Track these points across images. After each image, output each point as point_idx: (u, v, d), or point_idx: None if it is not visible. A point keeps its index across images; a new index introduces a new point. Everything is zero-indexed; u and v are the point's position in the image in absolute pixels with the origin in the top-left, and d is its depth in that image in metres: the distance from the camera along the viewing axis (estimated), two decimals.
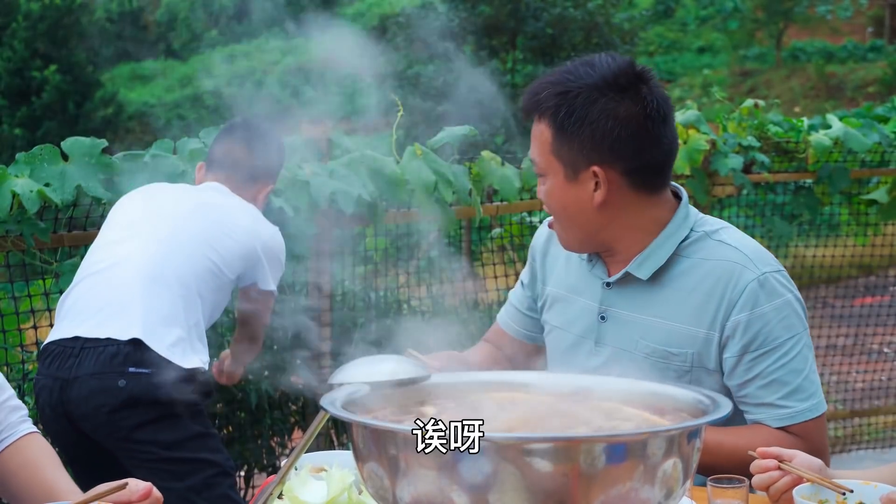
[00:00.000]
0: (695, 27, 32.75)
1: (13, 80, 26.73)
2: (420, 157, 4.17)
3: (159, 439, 3.03)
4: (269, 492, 1.57)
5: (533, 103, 2.13)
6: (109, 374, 2.98)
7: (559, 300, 2.34)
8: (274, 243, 3.42)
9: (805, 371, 2.11)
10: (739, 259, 2.11)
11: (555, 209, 2.18)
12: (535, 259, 2.44)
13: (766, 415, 2.11)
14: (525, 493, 1.35)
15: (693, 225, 2.19)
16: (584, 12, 20.48)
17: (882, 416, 6.68)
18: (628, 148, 2.08)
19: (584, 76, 2.08)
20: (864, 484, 1.79)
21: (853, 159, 5.94)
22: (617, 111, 2.06)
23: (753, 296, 2.08)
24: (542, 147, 2.13)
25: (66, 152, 3.51)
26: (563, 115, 2.07)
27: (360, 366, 1.63)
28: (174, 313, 3.10)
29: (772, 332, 2.09)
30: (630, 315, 2.19)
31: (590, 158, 2.09)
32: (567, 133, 2.08)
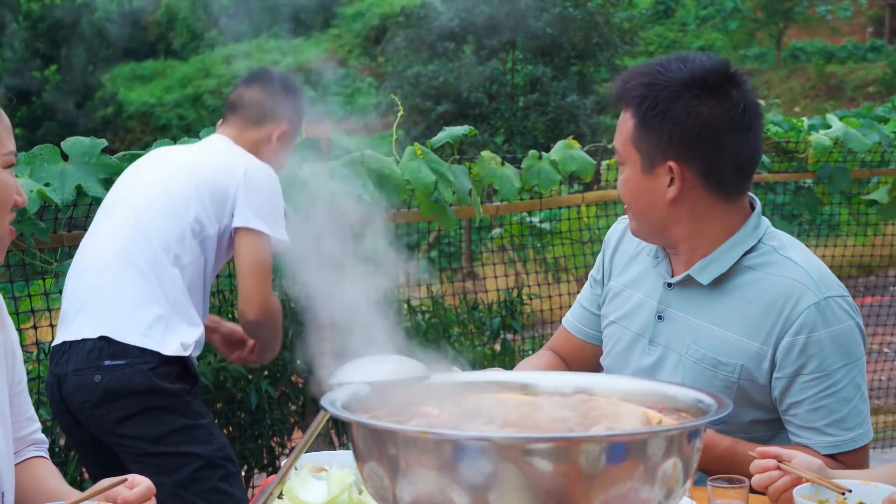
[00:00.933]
0: (695, 27, 32.75)
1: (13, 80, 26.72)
2: (420, 157, 4.17)
3: (144, 434, 2.99)
4: (269, 492, 1.57)
5: (621, 92, 2.15)
6: (87, 370, 2.98)
7: (620, 294, 2.34)
8: (256, 174, 3.13)
9: (854, 400, 2.08)
10: (803, 279, 2.08)
11: (628, 198, 2.19)
12: (607, 253, 2.43)
13: (811, 440, 2.09)
14: (525, 493, 1.35)
15: (762, 237, 2.17)
16: (584, 12, 20.48)
17: (882, 416, 6.68)
18: (707, 148, 2.08)
19: (675, 71, 2.09)
20: (864, 484, 1.79)
21: (853, 159, 5.95)
22: (700, 110, 2.06)
23: (812, 320, 2.06)
24: (625, 136, 2.14)
25: (66, 152, 3.51)
26: (646, 106, 2.08)
27: (360, 366, 1.63)
28: (149, 292, 3.01)
29: (826, 359, 2.06)
30: (686, 318, 2.18)
31: (667, 153, 2.09)
32: (648, 125, 2.09)
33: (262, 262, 3.11)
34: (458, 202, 4.41)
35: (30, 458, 2.07)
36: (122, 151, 3.70)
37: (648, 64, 2.16)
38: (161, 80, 32.86)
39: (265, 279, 3.13)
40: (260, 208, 3.10)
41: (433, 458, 1.36)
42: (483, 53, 20.94)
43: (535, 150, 4.75)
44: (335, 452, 1.94)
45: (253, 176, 3.12)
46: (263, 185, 3.13)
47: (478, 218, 4.71)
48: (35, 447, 2.09)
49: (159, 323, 2.99)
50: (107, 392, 2.96)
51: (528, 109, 20.11)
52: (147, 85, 32.59)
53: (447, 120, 18.22)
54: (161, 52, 35.00)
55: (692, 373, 2.13)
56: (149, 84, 32.66)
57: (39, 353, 3.94)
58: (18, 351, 2.05)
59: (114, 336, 2.98)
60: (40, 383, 3.86)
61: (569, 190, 5.72)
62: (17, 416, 2.04)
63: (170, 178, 3.15)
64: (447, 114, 18.94)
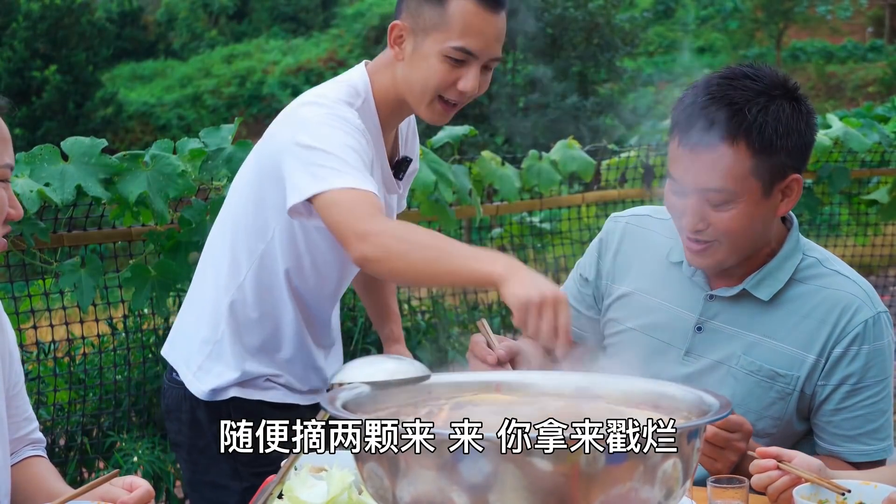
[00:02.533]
0: (695, 27, 32.77)
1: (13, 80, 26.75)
2: (420, 157, 4.16)
3: (183, 468, 2.67)
4: (269, 492, 1.57)
5: (718, 128, 1.99)
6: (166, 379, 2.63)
7: (637, 301, 2.28)
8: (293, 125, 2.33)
9: (888, 412, 2.14)
10: (859, 294, 2.12)
11: (737, 229, 2.06)
12: (605, 255, 2.37)
13: (845, 448, 2.12)
14: (525, 493, 1.35)
15: (804, 249, 2.18)
16: (585, 13, 20.51)
17: None
18: (807, 152, 2.08)
19: (759, 88, 2.02)
20: (864, 484, 1.79)
21: (853, 159, 5.95)
22: (795, 117, 2.03)
23: (865, 332, 2.10)
24: (738, 171, 2.00)
25: (66, 152, 3.51)
26: (770, 130, 1.99)
27: (360, 366, 1.63)
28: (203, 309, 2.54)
29: (870, 370, 2.11)
30: (734, 330, 2.16)
31: (786, 169, 2.04)
32: (772, 146, 2.00)
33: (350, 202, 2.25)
34: (458, 202, 4.41)
35: (27, 458, 2.06)
36: (122, 151, 3.70)
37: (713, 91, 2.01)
38: (161, 80, 32.89)
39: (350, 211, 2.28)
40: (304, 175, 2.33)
41: (433, 458, 1.36)
42: None
43: (535, 150, 4.75)
44: None
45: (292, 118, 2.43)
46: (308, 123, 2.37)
47: (478, 218, 4.70)
48: (32, 446, 2.09)
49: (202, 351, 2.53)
50: (167, 408, 2.61)
51: (528, 110, 20.12)
52: (147, 85, 32.62)
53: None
54: (161, 52, 35.02)
55: (745, 384, 2.13)
56: (149, 84, 32.68)
57: (39, 352, 3.94)
58: (16, 351, 2.05)
59: (164, 352, 2.63)
60: (40, 383, 3.86)
61: (569, 190, 5.72)
62: (16, 417, 2.04)
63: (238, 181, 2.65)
64: None
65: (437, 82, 2.30)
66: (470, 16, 2.26)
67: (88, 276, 3.54)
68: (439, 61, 2.29)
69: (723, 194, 2.02)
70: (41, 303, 3.91)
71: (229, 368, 2.48)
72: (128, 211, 3.62)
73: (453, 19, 2.26)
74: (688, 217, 2.06)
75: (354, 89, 2.38)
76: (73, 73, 27.20)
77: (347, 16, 35.41)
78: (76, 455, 3.91)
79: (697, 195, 2.04)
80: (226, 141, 3.81)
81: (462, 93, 2.31)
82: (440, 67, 2.29)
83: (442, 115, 2.37)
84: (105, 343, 4.01)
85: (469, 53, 2.28)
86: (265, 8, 36.46)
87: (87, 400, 3.97)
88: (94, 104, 27.95)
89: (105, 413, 3.99)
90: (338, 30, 34.81)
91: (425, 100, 2.33)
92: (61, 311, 3.86)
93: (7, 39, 27.32)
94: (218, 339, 2.49)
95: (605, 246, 2.38)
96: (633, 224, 2.36)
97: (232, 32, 35.66)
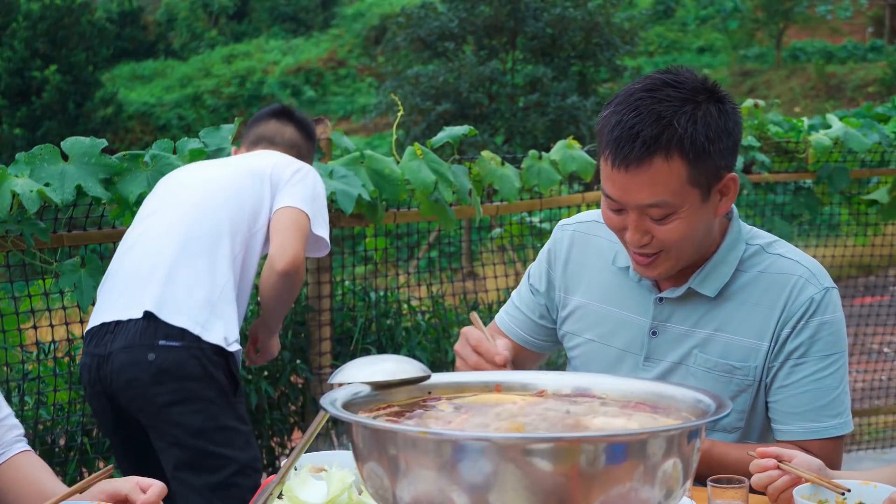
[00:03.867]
0: (695, 27, 32.79)
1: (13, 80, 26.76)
2: (420, 157, 4.17)
3: (189, 423, 2.97)
4: (269, 492, 1.57)
5: (652, 145, 1.97)
6: (139, 348, 2.96)
7: (592, 311, 2.27)
8: (309, 172, 3.32)
9: (839, 390, 2.12)
10: (803, 273, 2.12)
11: (681, 238, 2.05)
12: (555, 266, 2.36)
13: (793, 426, 2.12)
14: (525, 493, 1.35)
15: (746, 238, 2.18)
16: (585, 12, 20.51)
17: (882, 416, 6.69)
18: (735, 148, 2.07)
19: (681, 95, 2.00)
20: (864, 484, 1.79)
21: (853, 159, 5.95)
22: (719, 116, 2.02)
23: (812, 308, 2.10)
24: (675, 184, 1.99)
25: (66, 152, 3.51)
26: (701, 137, 1.97)
27: (360, 366, 1.64)
28: (198, 277, 3.06)
29: (817, 344, 2.10)
30: (687, 330, 2.16)
31: (721, 170, 2.03)
32: (706, 153, 1.98)
33: (301, 225, 3.18)
34: (458, 202, 4.41)
35: (14, 456, 2.02)
36: (122, 151, 3.70)
37: (636, 106, 1.99)
38: (161, 80, 32.90)
39: (301, 236, 3.17)
40: (305, 198, 3.22)
41: (433, 458, 1.37)
42: (483, 53, 20.96)
43: (535, 150, 4.75)
44: (335, 452, 1.94)
45: (305, 173, 3.27)
46: (311, 183, 3.26)
47: (478, 218, 4.70)
48: (16, 439, 2.04)
49: (204, 310, 3.01)
50: (160, 371, 2.95)
51: (528, 110, 20.12)
52: (147, 85, 32.63)
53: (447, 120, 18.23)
54: (161, 52, 35.04)
55: (704, 382, 2.12)
56: (149, 84, 32.70)
57: (39, 352, 3.94)
58: None
59: (162, 314, 2.99)
60: (40, 383, 3.86)
61: (569, 190, 5.72)
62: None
63: (233, 173, 3.26)
64: (447, 114, 18.96)
65: None
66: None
67: (88, 276, 3.55)
68: None
69: (663, 208, 2.01)
70: (41, 303, 3.91)
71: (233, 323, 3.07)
72: (128, 211, 3.62)
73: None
74: (631, 233, 2.06)
75: None
76: (73, 73, 27.21)
77: (347, 16, 35.43)
78: (76, 455, 3.91)
79: (637, 212, 2.03)
80: (226, 141, 3.81)
81: None
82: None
83: None
84: None
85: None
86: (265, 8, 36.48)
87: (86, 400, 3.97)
88: (94, 104, 27.96)
89: None
90: (338, 30, 34.83)
91: None
92: (61, 311, 3.86)
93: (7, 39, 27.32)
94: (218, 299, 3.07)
95: (555, 257, 2.37)
96: (580, 231, 2.34)
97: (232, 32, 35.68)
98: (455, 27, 20.62)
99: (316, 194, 3.27)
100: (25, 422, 3.80)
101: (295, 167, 3.27)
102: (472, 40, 21.17)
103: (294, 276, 3.14)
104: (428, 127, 18.51)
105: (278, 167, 3.26)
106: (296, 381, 4.52)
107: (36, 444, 3.76)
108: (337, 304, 4.62)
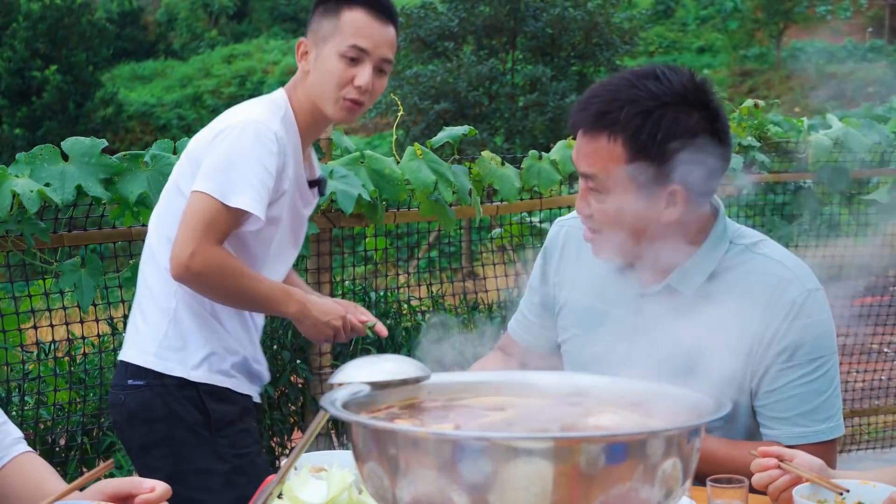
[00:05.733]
0: (695, 27, 32.78)
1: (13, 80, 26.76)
2: (420, 157, 4.17)
3: (160, 468, 2.70)
4: (269, 492, 1.57)
5: (599, 119, 2.01)
6: (115, 388, 2.83)
7: (582, 306, 2.28)
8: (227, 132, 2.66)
9: (827, 393, 2.10)
10: (785, 274, 2.10)
11: (608, 223, 2.08)
12: (550, 262, 2.37)
13: (780, 431, 2.11)
14: (525, 493, 1.35)
15: (732, 237, 2.16)
16: (584, 12, 20.51)
17: (882, 416, 6.68)
18: (706, 163, 2.03)
19: (657, 91, 2.00)
20: (863, 484, 1.79)
21: (853, 159, 5.95)
22: (697, 127, 2.00)
23: (795, 310, 2.07)
24: (610, 164, 2.01)
25: (66, 152, 3.51)
26: (646, 135, 1.98)
27: (360, 366, 1.64)
28: (144, 303, 2.80)
29: (802, 348, 2.08)
30: (668, 327, 2.13)
31: (669, 178, 2.01)
32: (649, 153, 1.99)
33: (197, 212, 2.60)
34: (458, 202, 4.40)
35: (16, 458, 2.01)
36: (122, 151, 3.70)
37: (615, 83, 2.04)
38: (161, 80, 32.90)
39: (198, 226, 2.59)
40: (211, 170, 2.62)
41: (433, 458, 1.37)
42: (483, 53, 20.96)
43: (535, 150, 4.75)
44: (335, 452, 1.94)
45: (227, 133, 2.66)
46: (227, 145, 2.63)
47: (478, 218, 4.70)
48: (15, 442, 2.05)
49: (155, 340, 2.75)
50: (130, 414, 2.77)
51: (528, 109, 20.12)
52: (147, 85, 32.63)
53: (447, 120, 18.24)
54: (161, 52, 35.03)
55: (684, 381, 2.12)
56: (149, 84, 32.70)
57: (39, 352, 3.94)
58: None
59: (125, 355, 2.81)
60: (40, 383, 3.86)
61: (569, 190, 5.71)
62: None
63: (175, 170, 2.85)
64: (447, 113, 18.97)
65: (337, 80, 2.67)
66: (360, 21, 2.66)
67: (88, 276, 3.55)
68: (336, 61, 2.66)
69: (597, 183, 2.06)
70: (41, 303, 3.91)
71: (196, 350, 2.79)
72: (128, 211, 3.62)
73: (346, 25, 2.67)
74: (577, 200, 2.13)
75: (276, 104, 2.75)
76: (73, 73, 27.21)
77: None
78: (76, 455, 3.91)
79: (584, 179, 2.10)
80: None
81: (359, 88, 2.67)
82: (338, 66, 2.67)
83: (350, 112, 2.72)
84: (105, 343, 4.01)
85: (361, 50, 2.65)
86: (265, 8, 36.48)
87: (87, 400, 3.98)
88: (94, 104, 27.95)
89: (105, 413, 3.99)
90: None
91: (330, 98, 2.69)
92: (61, 311, 3.86)
93: (7, 39, 27.32)
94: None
95: (550, 253, 2.39)
96: (575, 227, 2.35)
97: (232, 32, 35.68)
98: (455, 27, 20.63)
99: (230, 159, 2.61)
100: (25, 422, 3.81)
101: (218, 129, 2.68)
102: (471, 40, 21.18)
103: (199, 278, 2.61)
104: (427, 127, 18.52)
105: (199, 140, 2.73)
106: (296, 381, 4.52)
107: (36, 444, 3.76)
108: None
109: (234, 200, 2.59)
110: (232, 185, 2.60)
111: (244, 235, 2.72)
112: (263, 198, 2.63)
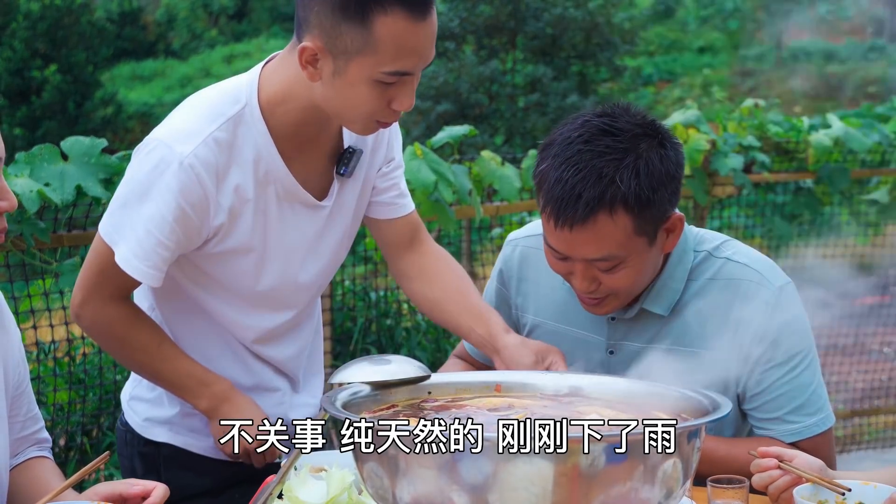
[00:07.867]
0: (695, 27, 32.77)
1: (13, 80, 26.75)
2: (420, 157, 4.16)
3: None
4: (269, 492, 1.57)
5: (596, 205, 1.93)
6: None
7: (549, 331, 2.26)
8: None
9: (813, 385, 2.11)
10: (752, 276, 2.10)
11: (631, 284, 2.05)
12: (509, 284, 2.35)
13: (775, 430, 2.11)
14: (525, 493, 1.35)
15: (694, 245, 2.16)
16: (585, 12, 20.50)
17: (882, 416, 6.68)
18: (678, 176, 2.04)
19: (619, 141, 1.96)
20: (864, 484, 1.79)
21: (853, 159, 5.95)
22: (660, 148, 1.99)
23: (768, 310, 2.08)
24: (620, 237, 1.97)
25: (65, 152, 3.51)
26: (645, 189, 1.95)
27: (360, 366, 1.64)
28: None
29: (781, 346, 2.08)
30: (642, 346, 2.14)
31: (667, 212, 2.02)
32: (650, 203, 1.96)
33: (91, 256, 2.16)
34: (458, 202, 4.40)
35: (31, 459, 2.06)
36: (122, 151, 3.70)
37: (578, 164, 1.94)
38: (161, 80, 32.89)
39: (86, 273, 2.16)
40: (111, 208, 2.14)
41: (433, 458, 1.36)
42: (483, 53, 20.95)
43: (535, 150, 4.75)
44: (335, 452, 1.94)
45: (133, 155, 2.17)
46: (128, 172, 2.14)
47: (478, 218, 4.70)
48: (38, 447, 2.08)
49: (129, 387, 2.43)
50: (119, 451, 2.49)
51: (528, 109, 20.12)
52: (147, 85, 32.61)
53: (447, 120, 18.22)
54: (161, 52, 35.03)
55: None
56: (149, 84, 32.68)
57: (39, 352, 3.94)
58: (21, 351, 2.03)
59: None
60: (40, 383, 3.86)
61: None
62: (20, 416, 2.03)
63: None
64: (447, 114, 18.95)
65: (371, 109, 2.02)
66: (401, 34, 1.94)
67: None
68: (370, 87, 1.98)
69: (610, 261, 2.00)
70: (41, 303, 3.91)
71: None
72: None
73: (383, 40, 1.93)
74: (579, 282, 2.04)
75: (228, 101, 2.11)
76: (73, 73, 27.19)
77: None
78: (76, 455, 3.91)
79: (584, 263, 2.02)
80: None
81: (397, 112, 2.04)
82: (372, 93, 1.99)
83: (377, 130, 2.13)
84: None
85: (405, 74, 1.99)
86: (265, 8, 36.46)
87: (87, 400, 3.98)
88: (93, 104, 27.93)
89: (105, 413, 3.99)
90: None
91: (358, 122, 2.06)
92: (61, 311, 3.86)
93: (7, 39, 27.30)
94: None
95: (507, 275, 2.36)
96: (530, 247, 2.32)
97: (232, 32, 35.67)
98: (455, 27, 20.61)
99: (124, 193, 2.11)
100: None
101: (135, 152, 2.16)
102: (472, 40, 21.16)
103: (89, 333, 2.25)
104: (428, 127, 18.50)
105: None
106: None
107: None
108: (337, 304, 4.62)
109: (118, 251, 2.09)
110: (119, 231, 2.10)
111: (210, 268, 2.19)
112: (151, 255, 2.06)
